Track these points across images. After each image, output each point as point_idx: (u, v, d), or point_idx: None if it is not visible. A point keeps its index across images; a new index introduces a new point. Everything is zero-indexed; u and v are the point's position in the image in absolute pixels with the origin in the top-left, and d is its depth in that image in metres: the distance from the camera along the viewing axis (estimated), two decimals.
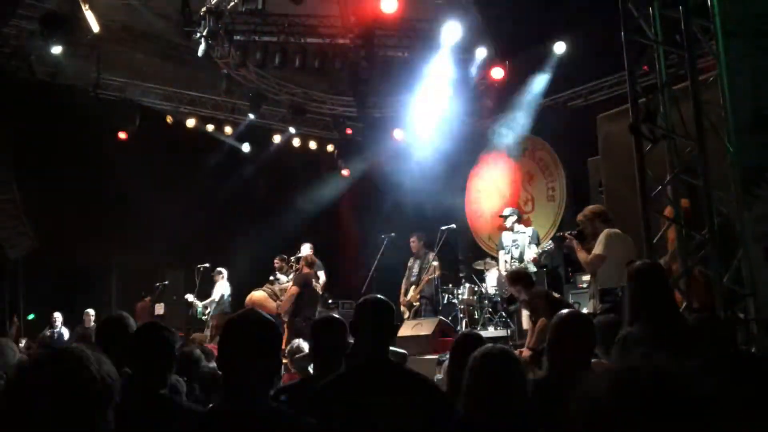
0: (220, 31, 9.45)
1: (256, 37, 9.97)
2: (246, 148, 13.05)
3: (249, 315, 2.16)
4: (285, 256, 9.86)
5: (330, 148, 13.93)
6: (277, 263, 9.83)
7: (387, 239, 9.81)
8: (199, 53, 9.49)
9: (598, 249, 5.66)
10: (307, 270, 8.68)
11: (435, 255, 9.38)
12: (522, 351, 5.93)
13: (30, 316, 10.98)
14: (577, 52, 9.85)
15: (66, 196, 10.67)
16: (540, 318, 5.92)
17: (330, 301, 10.01)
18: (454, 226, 9.83)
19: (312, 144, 13.81)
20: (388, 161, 12.96)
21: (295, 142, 13.50)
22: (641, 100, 5.10)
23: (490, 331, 8.72)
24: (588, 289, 7.28)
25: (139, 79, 11.60)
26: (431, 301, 9.43)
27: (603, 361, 3.66)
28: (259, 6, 8.54)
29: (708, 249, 4.70)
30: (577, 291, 8.90)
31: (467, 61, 10.51)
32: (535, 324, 6.05)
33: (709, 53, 4.98)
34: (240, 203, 12.37)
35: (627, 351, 3.22)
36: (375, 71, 10.41)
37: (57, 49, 9.43)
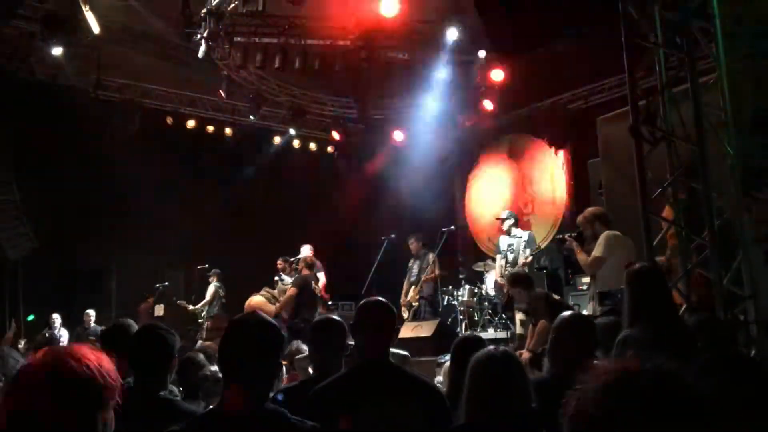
0: (220, 33, 9.46)
1: (256, 39, 9.97)
2: (246, 149, 13.05)
3: (251, 317, 2.16)
4: (288, 257, 9.86)
5: (330, 149, 13.95)
6: (281, 264, 9.83)
7: (387, 240, 9.81)
8: (200, 54, 9.50)
9: (597, 251, 5.67)
10: (307, 271, 8.67)
11: (434, 255, 9.38)
12: (522, 353, 5.92)
13: (30, 317, 10.95)
14: (578, 54, 9.86)
15: (66, 196, 10.65)
16: (540, 320, 5.91)
17: (330, 303, 10.00)
18: (454, 227, 9.84)
19: (312, 145, 13.83)
20: (388, 163, 12.99)
21: (295, 143, 13.51)
22: (641, 102, 5.11)
23: (489, 333, 8.73)
24: (588, 291, 7.29)
25: (140, 80, 11.61)
26: (431, 302, 9.42)
27: (603, 363, 3.65)
28: (260, 7, 8.55)
29: (708, 251, 4.70)
30: (577, 293, 8.90)
31: (467, 63, 10.53)
32: (535, 326, 6.04)
33: (709, 55, 4.98)
34: (240, 204, 12.36)
35: (626, 353, 3.22)
36: (375, 73, 10.42)
37: (57, 50, 9.45)
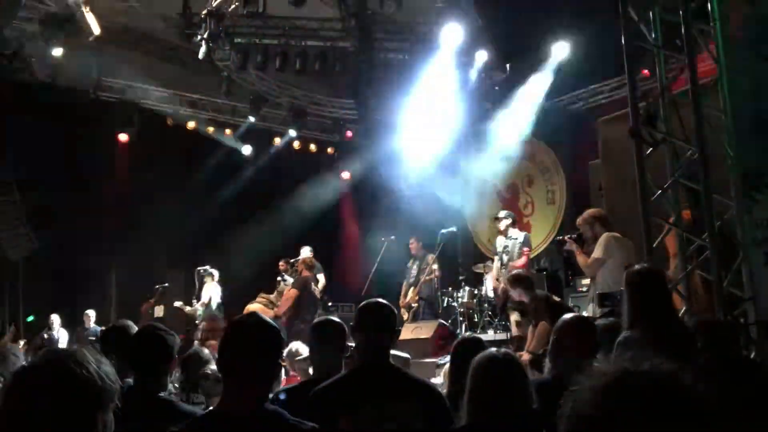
0: (220, 34, 9.46)
1: (256, 40, 9.97)
2: (247, 150, 13.05)
3: (250, 318, 2.16)
4: (289, 259, 9.86)
5: (330, 150, 13.95)
6: (282, 266, 9.83)
7: (387, 242, 9.80)
8: (200, 56, 9.50)
9: (597, 252, 5.67)
10: (307, 273, 8.68)
11: (434, 256, 9.37)
12: (521, 354, 5.91)
13: (29, 318, 10.95)
14: (578, 55, 9.86)
15: (66, 197, 10.65)
16: (540, 321, 5.90)
17: (330, 304, 10.00)
18: (454, 229, 9.82)
19: (312, 147, 13.82)
20: (388, 164, 12.97)
21: (296, 144, 13.51)
22: (641, 103, 5.11)
23: (489, 335, 8.70)
24: (588, 293, 7.28)
25: (140, 81, 11.61)
26: (430, 303, 9.41)
27: (601, 364, 3.64)
28: (260, 9, 8.55)
29: (708, 253, 4.70)
30: (577, 294, 8.89)
31: (467, 64, 10.51)
32: (535, 327, 6.04)
33: (709, 57, 4.98)
34: (240, 205, 12.36)
35: (626, 354, 3.21)
36: (375, 74, 10.42)
37: (57, 51, 9.44)
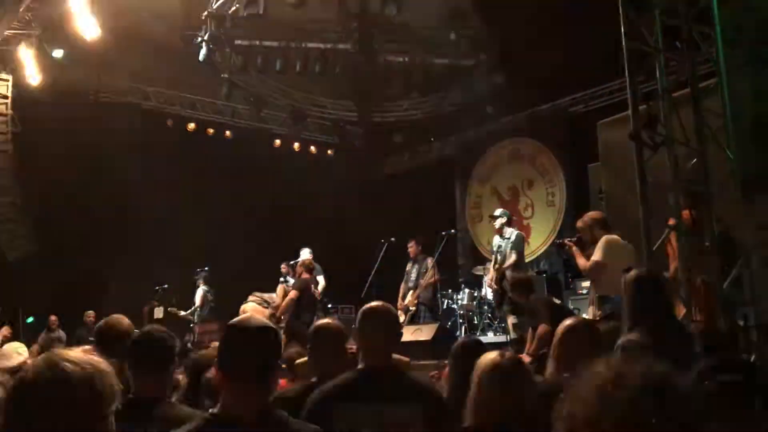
0: (221, 36, 9.48)
1: (257, 42, 9.99)
2: (247, 151, 13.03)
3: (249, 320, 2.15)
4: (290, 261, 9.86)
5: (330, 152, 13.95)
6: (284, 269, 9.85)
7: (386, 244, 9.79)
8: (201, 57, 9.52)
9: (597, 255, 5.65)
10: (306, 275, 8.66)
11: (433, 260, 9.35)
12: (521, 357, 5.90)
13: (29, 319, 10.94)
14: (578, 58, 9.86)
15: (66, 198, 10.66)
16: (541, 324, 5.90)
17: (329, 306, 9.99)
18: (453, 230, 9.82)
19: (312, 148, 13.83)
20: (387, 165, 13.00)
21: (295, 146, 13.52)
22: (642, 106, 5.11)
23: (489, 337, 8.71)
24: (588, 295, 7.28)
25: (140, 83, 11.61)
26: (429, 307, 9.39)
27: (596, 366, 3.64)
28: (261, 11, 8.57)
29: (708, 256, 4.70)
30: (577, 297, 8.89)
31: (468, 67, 10.54)
32: (536, 330, 6.04)
33: (710, 60, 4.98)
34: (240, 207, 12.36)
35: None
36: (375, 76, 10.44)
37: (58, 53, 9.45)
